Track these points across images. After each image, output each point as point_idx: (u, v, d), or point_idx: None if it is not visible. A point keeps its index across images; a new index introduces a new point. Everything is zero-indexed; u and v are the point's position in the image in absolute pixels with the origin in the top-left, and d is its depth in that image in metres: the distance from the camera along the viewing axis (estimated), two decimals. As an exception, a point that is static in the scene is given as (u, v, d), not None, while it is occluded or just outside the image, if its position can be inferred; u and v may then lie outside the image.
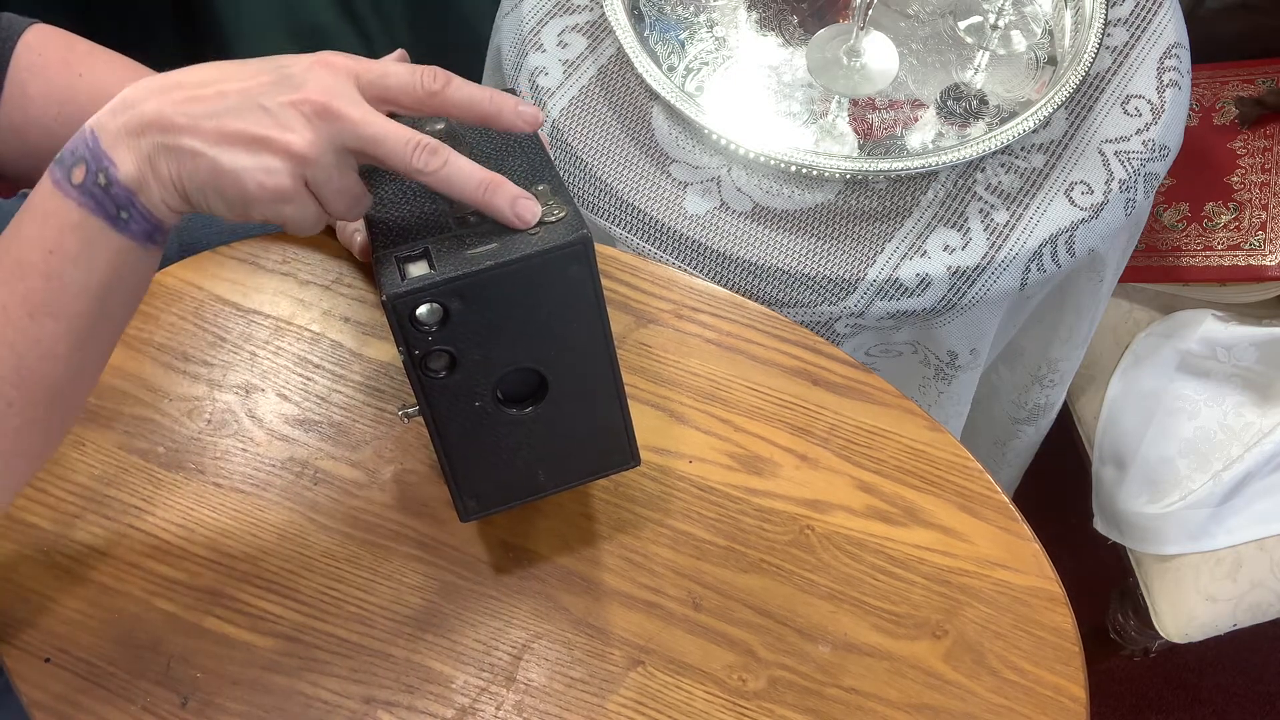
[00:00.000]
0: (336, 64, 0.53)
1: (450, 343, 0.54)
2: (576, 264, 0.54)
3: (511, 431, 0.58)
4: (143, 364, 0.72)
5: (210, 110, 0.51)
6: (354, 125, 0.51)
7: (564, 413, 0.59)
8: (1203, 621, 1.07)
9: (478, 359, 0.55)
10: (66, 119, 0.70)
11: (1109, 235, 0.89)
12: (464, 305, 0.53)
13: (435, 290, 0.52)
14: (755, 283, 0.86)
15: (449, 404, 0.56)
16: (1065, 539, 1.09)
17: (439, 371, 0.55)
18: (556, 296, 0.54)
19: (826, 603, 0.67)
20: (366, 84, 0.53)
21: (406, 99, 0.54)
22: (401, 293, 0.51)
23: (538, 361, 0.56)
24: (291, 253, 0.78)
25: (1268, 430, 1.05)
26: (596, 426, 0.61)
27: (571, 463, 0.62)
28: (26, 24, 0.70)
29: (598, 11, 0.95)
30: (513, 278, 0.53)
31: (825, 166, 0.85)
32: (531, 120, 0.56)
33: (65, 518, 0.67)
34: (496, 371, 0.56)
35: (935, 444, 0.72)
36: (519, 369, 0.57)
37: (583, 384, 0.58)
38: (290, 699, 0.63)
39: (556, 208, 0.55)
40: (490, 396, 0.57)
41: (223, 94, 0.51)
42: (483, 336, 0.54)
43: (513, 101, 0.55)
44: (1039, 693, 0.64)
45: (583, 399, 0.59)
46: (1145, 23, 0.97)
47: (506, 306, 0.54)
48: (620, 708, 0.63)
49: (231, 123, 0.51)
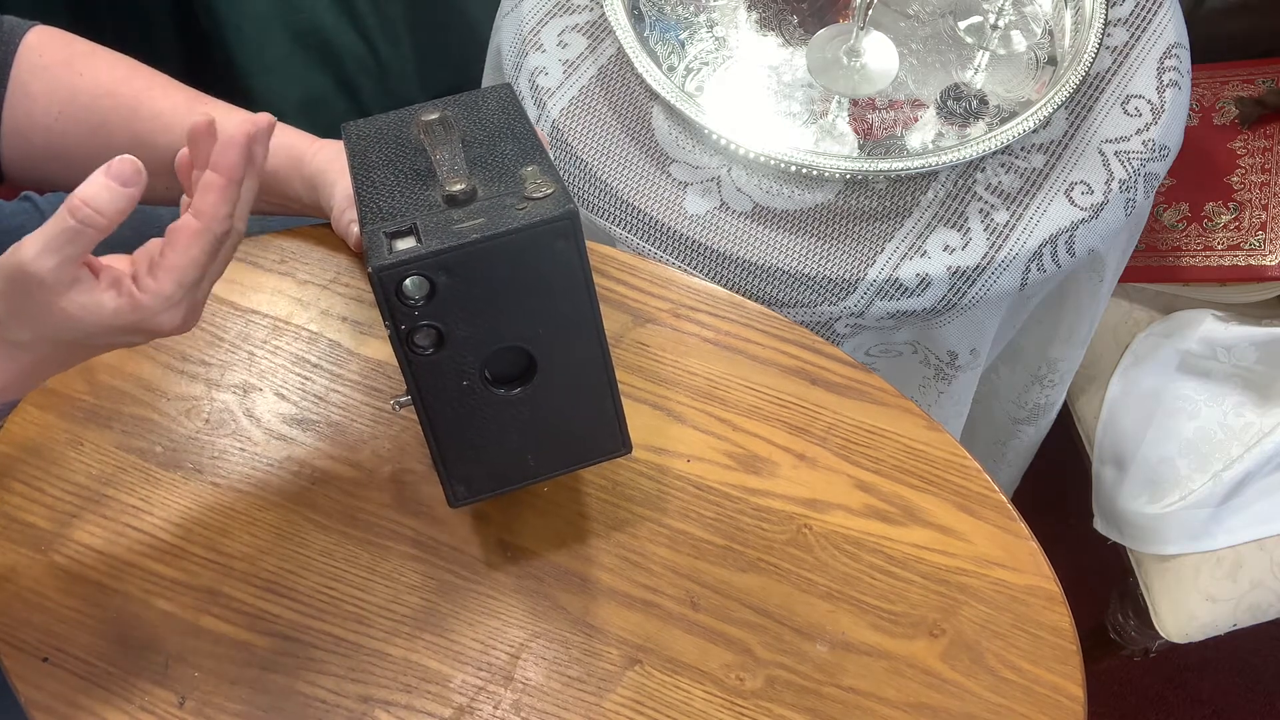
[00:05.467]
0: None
1: (437, 318, 0.53)
2: (563, 239, 0.53)
3: (500, 413, 0.58)
4: (140, 363, 0.73)
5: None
6: None
7: (553, 395, 0.58)
8: (1203, 621, 1.07)
9: (465, 335, 0.54)
10: (68, 119, 0.70)
11: (1109, 235, 0.89)
12: (451, 279, 0.52)
13: (421, 263, 0.52)
14: (755, 283, 0.86)
15: (436, 382, 0.56)
16: (1065, 539, 1.09)
17: (426, 348, 0.54)
18: (543, 272, 0.54)
19: (824, 602, 0.67)
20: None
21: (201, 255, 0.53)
22: (387, 265, 0.51)
23: (525, 340, 0.56)
24: (289, 252, 0.78)
25: (1268, 430, 1.05)
26: (586, 410, 0.60)
27: (561, 448, 0.61)
28: (28, 26, 0.71)
29: (598, 11, 0.95)
30: (499, 251, 0.53)
31: (825, 166, 0.85)
32: (248, 130, 0.53)
33: (63, 517, 0.67)
34: (484, 349, 0.55)
35: (933, 443, 0.72)
36: (507, 348, 0.56)
37: (572, 365, 0.58)
38: (288, 698, 0.63)
39: (544, 185, 0.54)
40: (478, 376, 0.56)
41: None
42: (470, 312, 0.54)
43: (239, 138, 0.53)
44: (1037, 692, 0.64)
45: (572, 381, 0.58)
46: (1145, 23, 0.97)
47: (493, 281, 0.53)
48: (618, 707, 0.63)
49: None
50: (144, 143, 0.70)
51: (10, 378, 0.55)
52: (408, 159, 0.60)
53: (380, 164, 0.60)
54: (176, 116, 0.71)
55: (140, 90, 0.71)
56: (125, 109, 0.71)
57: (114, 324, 0.53)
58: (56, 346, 0.54)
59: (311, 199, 0.74)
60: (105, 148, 0.70)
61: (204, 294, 0.56)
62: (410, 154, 0.60)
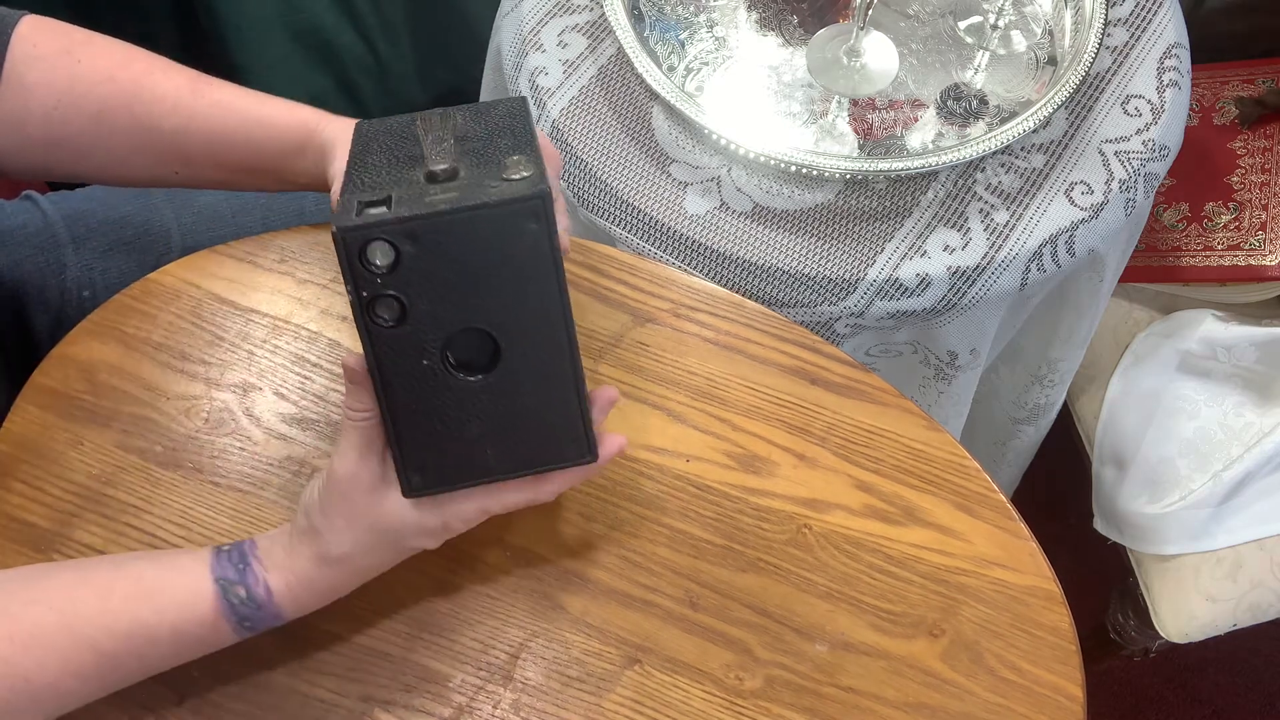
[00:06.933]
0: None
1: (400, 289, 0.53)
2: (533, 221, 0.52)
3: (460, 400, 0.57)
4: (140, 363, 0.73)
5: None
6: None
7: (516, 387, 0.57)
8: (1203, 621, 1.07)
9: (427, 311, 0.54)
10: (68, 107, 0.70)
11: (1109, 235, 0.89)
12: (415, 249, 0.52)
13: (386, 228, 0.51)
14: (755, 283, 0.86)
15: (396, 358, 0.55)
16: (1065, 539, 1.09)
17: (388, 320, 0.54)
18: (511, 253, 0.53)
19: (824, 602, 0.67)
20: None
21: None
22: (352, 226, 0.51)
23: (490, 324, 0.55)
24: (289, 252, 0.78)
25: (1268, 430, 1.05)
26: (550, 409, 0.59)
27: (522, 446, 0.59)
28: (18, 16, 0.70)
29: (598, 11, 0.95)
30: (466, 225, 0.52)
31: (825, 166, 0.85)
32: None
33: (63, 516, 0.67)
34: (447, 328, 0.55)
35: (933, 443, 0.72)
36: (471, 331, 0.55)
37: (537, 358, 0.57)
38: (288, 697, 0.63)
39: (525, 169, 0.54)
40: (439, 357, 0.55)
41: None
42: (434, 288, 0.53)
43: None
44: (1036, 692, 0.64)
45: (536, 375, 0.57)
46: (1145, 23, 0.97)
47: (459, 257, 0.53)
48: (617, 707, 0.63)
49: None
50: (146, 126, 0.70)
51: (321, 594, 0.60)
52: (405, 149, 0.60)
53: (377, 150, 0.60)
54: (180, 98, 0.71)
55: (140, 74, 0.71)
56: (126, 94, 0.70)
57: (423, 524, 0.59)
58: (368, 553, 0.59)
59: (319, 169, 0.73)
60: (108, 133, 0.70)
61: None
62: (408, 144, 0.60)
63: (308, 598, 0.59)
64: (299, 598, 0.58)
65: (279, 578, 0.58)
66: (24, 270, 0.84)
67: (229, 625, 0.57)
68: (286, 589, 0.58)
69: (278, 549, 0.59)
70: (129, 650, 0.56)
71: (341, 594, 0.61)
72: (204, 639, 0.58)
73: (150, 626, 0.56)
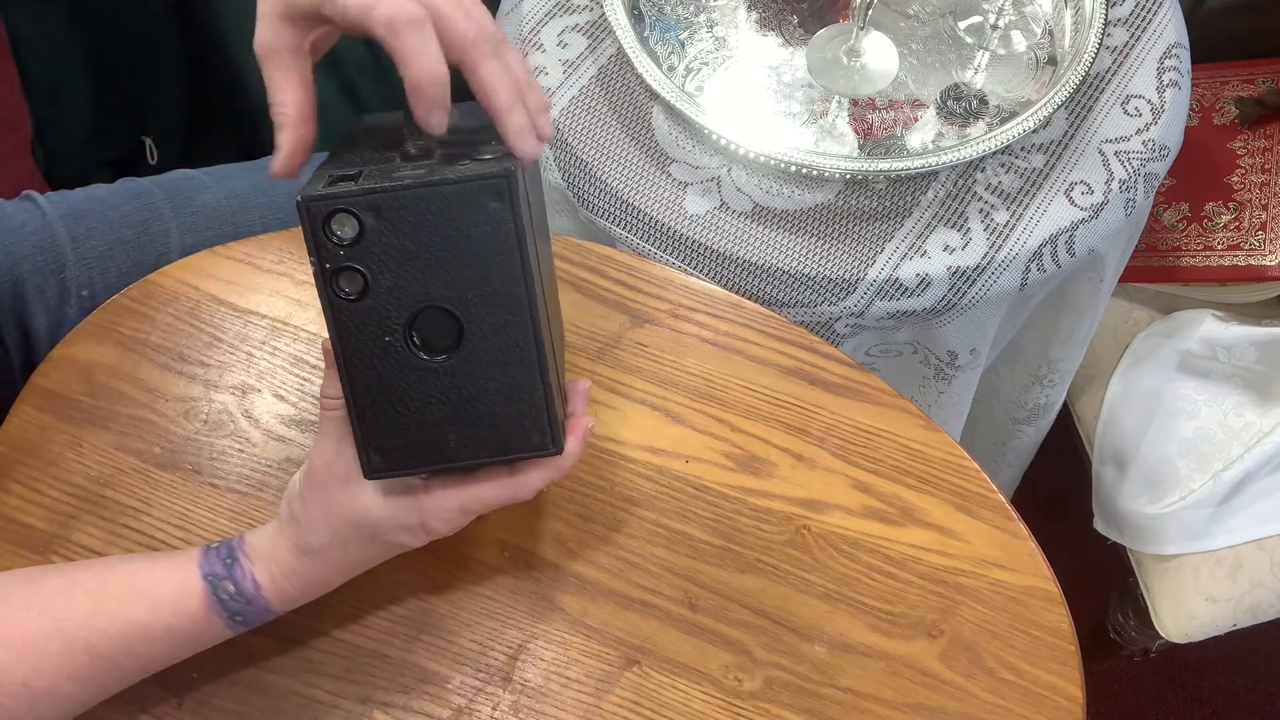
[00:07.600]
0: None
1: (363, 262, 0.53)
2: (497, 199, 0.52)
3: (423, 381, 0.56)
4: (139, 364, 0.73)
5: None
6: None
7: (479, 370, 0.57)
8: (1203, 621, 1.07)
9: (390, 286, 0.54)
10: None
11: (1109, 235, 0.89)
12: (378, 222, 0.52)
13: (350, 199, 0.51)
14: (755, 283, 0.86)
15: (358, 333, 0.55)
16: (1065, 539, 1.09)
17: (350, 294, 0.53)
18: (475, 233, 0.53)
19: (823, 602, 0.67)
20: None
21: (455, 30, 0.53)
22: (316, 195, 0.51)
23: (453, 304, 0.55)
24: (288, 253, 0.78)
25: (1268, 430, 1.05)
26: (513, 395, 0.58)
27: (484, 432, 0.58)
28: None
29: (598, 11, 0.95)
30: (428, 200, 0.52)
31: (825, 166, 0.85)
32: (532, 151, 0.55)
33: (61, 518, 0.67)
34: (409, 305, 0.54)
35: (932, 443, 0.72)
36: (436, 310, 0.55)
37: (500, 341, 0.56)
38: (286, 699, 0.63)
39: (496, 151, 0.54)
40: (402, 334, 0.55)
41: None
42: (397, 262, 0.53)
43: (522, 121, 0.54)
44: (1035, 692, 0.64)
45: (499, 359, 0.56)
46: (1145, 23, 0.97)
47: (423, 233, 0.53)
48: (616, 708, 0.63)
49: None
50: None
51: (305, 586, 0.59)
52: (392, 138, 0.60)
53: (365, 136, 0.60)
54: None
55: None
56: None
57: (398, 519, 0.58)
58: (346, 546, 0.59)
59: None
60: None
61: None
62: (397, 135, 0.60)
63: (292, 589, 0.59)
64: (284, 590, 0.59)
65: (264, 570, 0.58)
66: (24, 270, 0.84)
67: (221, 620, 0.58)
68: (271, 581, 0.58)
69: (262, 541, 0.59)
70: (124, 651, 0.56)
71: (328, 588, 0.61)
72: (197, 636, 0.58)
73: (143, 626, 0.56)
